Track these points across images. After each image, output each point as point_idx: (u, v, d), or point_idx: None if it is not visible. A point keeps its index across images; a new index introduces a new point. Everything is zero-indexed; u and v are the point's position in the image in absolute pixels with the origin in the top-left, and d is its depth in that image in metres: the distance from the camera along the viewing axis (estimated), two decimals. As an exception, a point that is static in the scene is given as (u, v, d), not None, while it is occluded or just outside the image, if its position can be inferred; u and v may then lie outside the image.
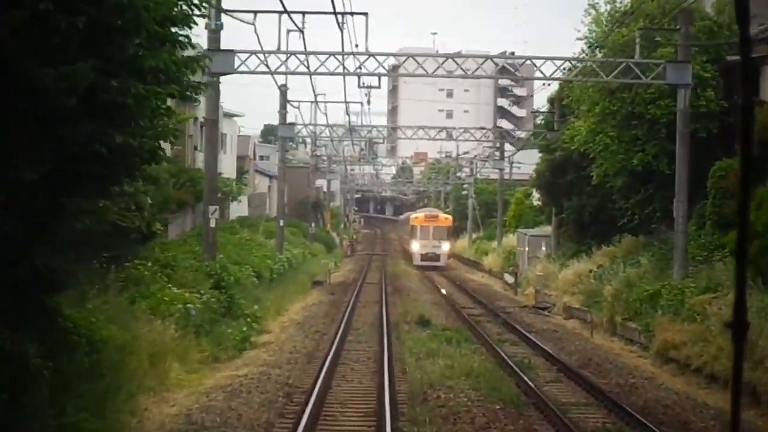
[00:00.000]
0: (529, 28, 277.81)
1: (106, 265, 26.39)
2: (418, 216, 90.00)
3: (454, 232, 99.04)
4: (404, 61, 36.15)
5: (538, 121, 76.19)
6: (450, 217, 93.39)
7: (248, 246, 51.41)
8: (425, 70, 39.45)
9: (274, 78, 44.87)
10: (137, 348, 22.56)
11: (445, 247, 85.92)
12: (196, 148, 64.90)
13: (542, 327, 40.13)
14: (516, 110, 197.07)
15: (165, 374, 23.68)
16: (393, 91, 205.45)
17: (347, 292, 56.92)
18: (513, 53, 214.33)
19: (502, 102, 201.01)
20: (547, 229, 71.43)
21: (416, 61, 38.42)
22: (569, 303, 46.36)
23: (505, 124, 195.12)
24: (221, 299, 32.04)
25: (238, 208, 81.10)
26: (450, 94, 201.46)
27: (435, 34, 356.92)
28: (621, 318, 37.27)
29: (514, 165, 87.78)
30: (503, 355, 30.00)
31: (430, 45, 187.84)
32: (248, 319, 34.36)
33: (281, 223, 59.19)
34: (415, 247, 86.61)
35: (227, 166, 77.59)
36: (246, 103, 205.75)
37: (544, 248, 61.58)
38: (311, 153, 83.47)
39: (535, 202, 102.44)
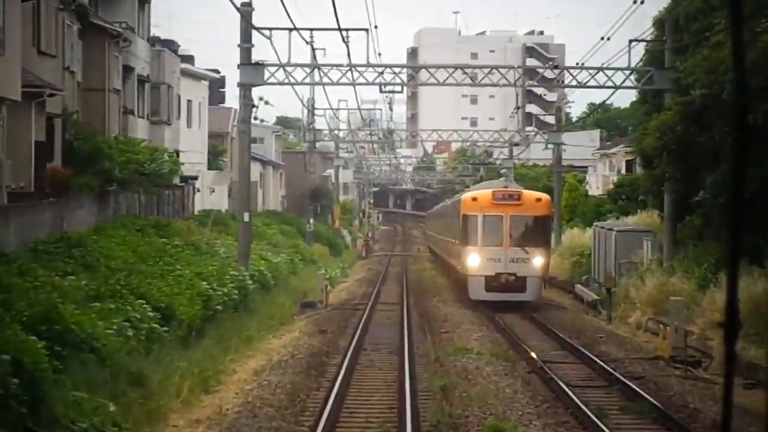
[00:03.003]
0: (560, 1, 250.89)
1: None
2: (478, 195, 41.75)
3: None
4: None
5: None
6: (546, 197, 43.33)
7: (175, 257, 29.23)
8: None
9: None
10: None
11: (537, 261, 39.84)
12: (128, 111, 42.56)
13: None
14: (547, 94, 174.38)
15: None
16: (412, 76, 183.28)
17: (348, 325, 34.75)
18: (542, 32, 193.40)
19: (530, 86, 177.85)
20: (628, 221, 49.15)
21: None
22: (749, 357, 24.09)
23: (534, 109, 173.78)
24: None
25: (213, 200, 58.90)
26: (474, 77, 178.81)
27: (457, 13, 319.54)
28: None
29: (558, 148, 65.06)
30: None
31: (452, 25, 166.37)
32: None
33: (246, 218, 36.96)
34: (473, 261, 40.21)
35: (192, 143, 55.51)
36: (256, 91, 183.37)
37: (648, 251, 39.14)
38: (307, 125, 60.97)
39: (592, 191, 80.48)
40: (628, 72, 36.85)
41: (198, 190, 54.62)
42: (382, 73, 36.40)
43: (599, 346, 29.25)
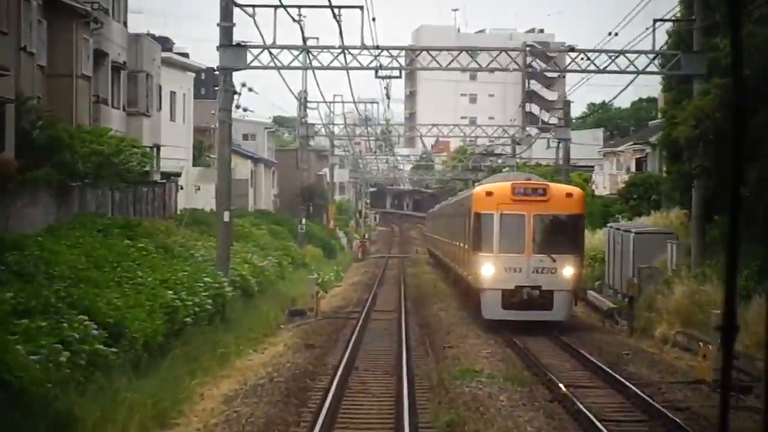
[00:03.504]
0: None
1: None
2: (494, 189, 33.65)
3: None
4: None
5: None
6: (578, 191, 35.04)
7: (138, 262, 25.21)
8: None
9: None
10: None
11: (567, 271, 32.20)
12: (100, 100, 38.56)
13: None
14: (547, 93, 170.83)
15: None
16: (410, 75, 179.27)
17: (339, 337, 30.84)
18: (542, 30, 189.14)
19: (531, 85, 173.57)
20: (644, 222, 45.24)
21: None
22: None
23: (534, 109, 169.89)
24: None
25: (198, 199, 54.95)
26: (473, 77, 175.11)
27: (456, 10, 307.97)
28: None
29: (567, 144, 60.99)
30: None
31: (451, 23, 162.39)
32: None
33: (225, 217, 32.98)
34: (488, 271, 32.48)
35: (175, 137, 51.57)
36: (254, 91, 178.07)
37: (674, 255, 35.16)
38: (300, 119, 56.91)
39: (599, 190, 76.46)
40: (652, 56, 32.84)
41: (181, 188, 50.61)
42: (378, 56, 32.34)
43: (627, 365, 25.24)
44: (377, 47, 32.50)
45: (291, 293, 41.72)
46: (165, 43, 58.11)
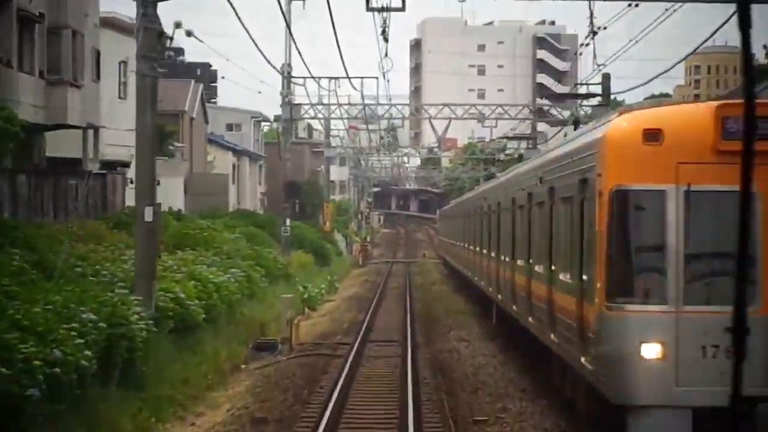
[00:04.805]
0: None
1: None
2: (667, 120, 12.37)
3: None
4: None
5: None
6: None
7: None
8: None
9: None
10: None
11: None
12: (8, 64, 28.02)
13: None
14: (559, 88, 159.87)
15: None
16: (416, 69, 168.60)
17: (311, 394, 20.14)
18: (553, 22, 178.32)
19: (542, 79, 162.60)
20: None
21: None
22: None
23: (546, 107, 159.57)
24: None
25: (165, 195, 43.92)
26: (482, 71, 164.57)
27: (463, 1, 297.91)
28: None
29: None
30: None
31: (458, 15, 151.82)
32: None
33: (147, 215, 22.24)
34: (650, 353, 12.04)
35: (127, 119, 40.86)
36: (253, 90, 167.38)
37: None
38: (283, 98, 46.13)
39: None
40: None
41: (131, 182, 39.98)
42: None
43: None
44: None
45: (261, 317, 31.20)
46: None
